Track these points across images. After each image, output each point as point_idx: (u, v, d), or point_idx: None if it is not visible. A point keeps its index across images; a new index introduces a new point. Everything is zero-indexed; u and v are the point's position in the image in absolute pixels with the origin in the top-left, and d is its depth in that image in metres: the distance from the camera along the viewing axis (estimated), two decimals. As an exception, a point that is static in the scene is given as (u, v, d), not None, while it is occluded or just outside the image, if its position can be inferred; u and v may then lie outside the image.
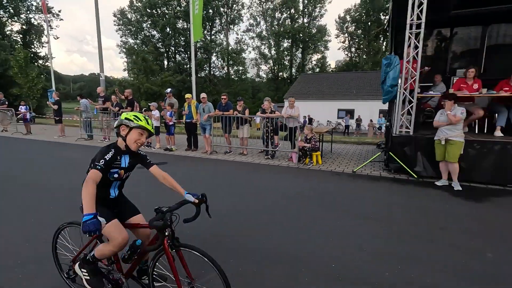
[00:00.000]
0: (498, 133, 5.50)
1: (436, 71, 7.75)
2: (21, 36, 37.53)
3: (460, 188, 4.84)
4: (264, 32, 45.64)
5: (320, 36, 44.13)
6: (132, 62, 34.14)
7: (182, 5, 41.23)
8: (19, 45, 33.30)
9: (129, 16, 41.56)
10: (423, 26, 5.32)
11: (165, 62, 43.95)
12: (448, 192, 4.77)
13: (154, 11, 41.12)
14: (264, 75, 50.02)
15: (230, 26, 46.12)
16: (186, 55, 44.50)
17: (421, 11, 5.30)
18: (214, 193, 4.74)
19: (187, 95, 8.66)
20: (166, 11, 41.53)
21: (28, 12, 37.10)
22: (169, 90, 9.58)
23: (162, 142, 9.24)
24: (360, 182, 5.50)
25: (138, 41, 41.85)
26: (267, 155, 7.70)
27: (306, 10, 44.59)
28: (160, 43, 42.36)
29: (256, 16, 46.12)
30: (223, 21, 45.83)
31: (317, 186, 5.21)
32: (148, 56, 33.00)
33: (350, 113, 26.10)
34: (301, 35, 43.34)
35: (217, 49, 43.00)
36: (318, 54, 46.65)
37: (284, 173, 6.18)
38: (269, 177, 5.89)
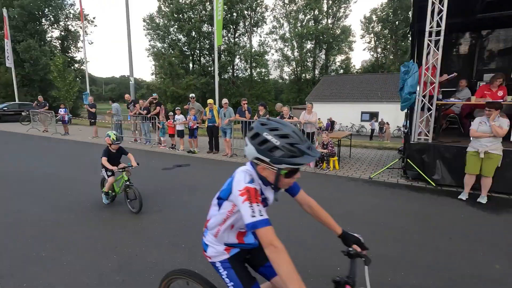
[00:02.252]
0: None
1: (462, 75, 7.56)
2: (59, 42, 40.42)
3: (485, 202, 4.64)
4: (287, 34, 45.70)
5: (344, 37, 43.45)
6: (160, 66, 35.60)
7: (207, 9, 42.34)
8: (58, 51, 36.02)
9: (157, 21, 43.31)
10: (442, 34, 5.28)
11: (190, 65, 45.29)
12: (467, 202, 4.71)
13: (180, 15, 42.54)
14: (287, 77, 50.08)
15: (254, 28, 46.67)
16: (210, 58, 45.55)
17: (440, 18, 5.27)
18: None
19: (209, 101, 9.06)
20: (192, 16, 42.82)
21: (67, 19, 39.88)
22: (192, 95, 10.08)
23: (185, 145, 9.71)
24: (375, 188, 5.54)
25: (165, 45, 43.48)
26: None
27: (330, 11, 44.09)
28: (186, 47, 43.72)
29: (280, 18, 46.34)
30: (246, 24, 46.46)
31: (331, 191, 5.34)
32: (174, 60, 34.22)
33: (374, 116, 25.53)
34: (324, 36, 42.89)
35: (240, 51, 43.68)
36: (342, 55, 45.96)
37: (301, 178, 6.33)
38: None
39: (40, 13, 36.76)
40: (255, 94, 41.36)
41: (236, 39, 46.32)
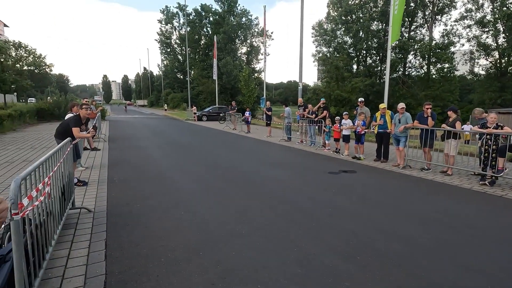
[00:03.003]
0: None
1: None
2: (245, 56, 49.75)
3: None
4: (488, 17, 35.35)
5: None
6: (326, 70, 36.69)
7: (379, 5, 39.50)
8: (244, 64, 44.51)
9: (325, 27, 44.71)
10: None
11: (354, 67, 43.88)
12: None
13: (348, 17, 42.01)
14: (483, 72, 38.90)
15: (437, 17, 39.24)
16: (378, 57, 42.35)
17: None
18: (401, 222, 4.43)
19: (381, 105, 8.38)
20: (361, 15, 41.29)
21: (252, 37, 48.48)
22: (361, 99, 9.68)
23: (350, 150, 9.48)
24: None
25: (331, 49, 44.27)
26: (484, 181, 6.12)
27: None
28: (352, 48, 42.74)
29: (478, -2, 36.49)
30: (427, 13, 39.75)
31: None
32: (340, 63, 34.19)
33: None
34: (558, 9, 29.98)
35: (416, 46, 37.91)
36: None
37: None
38: (488, 214, 4.68)
39: (235, 35, 46.59)
40: (432, 94, 34.70)
41: (412, 33, 40.67)
